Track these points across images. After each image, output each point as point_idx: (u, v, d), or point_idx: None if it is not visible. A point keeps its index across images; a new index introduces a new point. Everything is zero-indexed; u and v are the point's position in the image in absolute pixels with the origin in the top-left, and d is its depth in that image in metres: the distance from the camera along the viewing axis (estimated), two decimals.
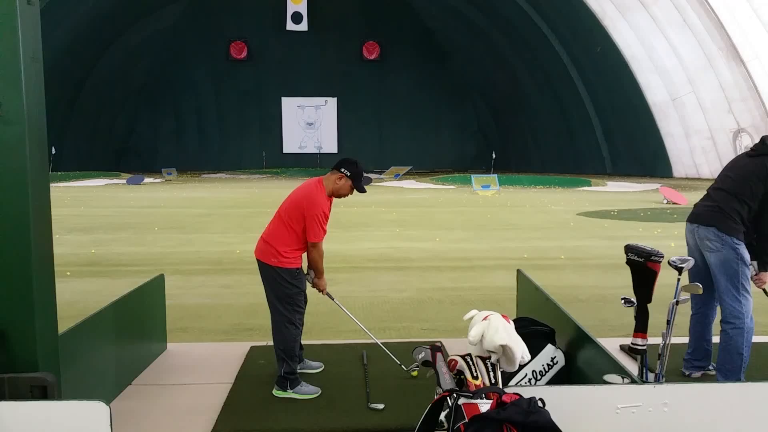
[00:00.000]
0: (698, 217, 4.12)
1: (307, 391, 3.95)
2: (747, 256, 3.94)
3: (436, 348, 2.77)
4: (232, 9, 42.24)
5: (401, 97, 45.79)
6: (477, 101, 46.65)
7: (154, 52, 42.59)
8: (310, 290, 4.31)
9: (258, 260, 4.14)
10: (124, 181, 31.29)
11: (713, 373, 4.20)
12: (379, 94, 45.98)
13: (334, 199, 4.26)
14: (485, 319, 2.75)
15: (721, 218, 3.96)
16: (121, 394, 3.98)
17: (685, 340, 4.48)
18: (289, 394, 3.94)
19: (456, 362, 2.65)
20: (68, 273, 8.04)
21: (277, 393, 3.96)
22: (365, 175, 4.24)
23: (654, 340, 3.84)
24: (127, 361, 4.18)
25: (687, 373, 4.30)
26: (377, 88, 45.72)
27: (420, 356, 2.76)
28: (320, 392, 3.96)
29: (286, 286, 4.02)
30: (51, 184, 2.91)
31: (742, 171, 4.02)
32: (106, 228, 12.92)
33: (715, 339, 4.24)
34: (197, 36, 42.72)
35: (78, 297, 6.74)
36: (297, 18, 42.17)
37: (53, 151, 33.18)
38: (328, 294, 4.35)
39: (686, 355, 4.34)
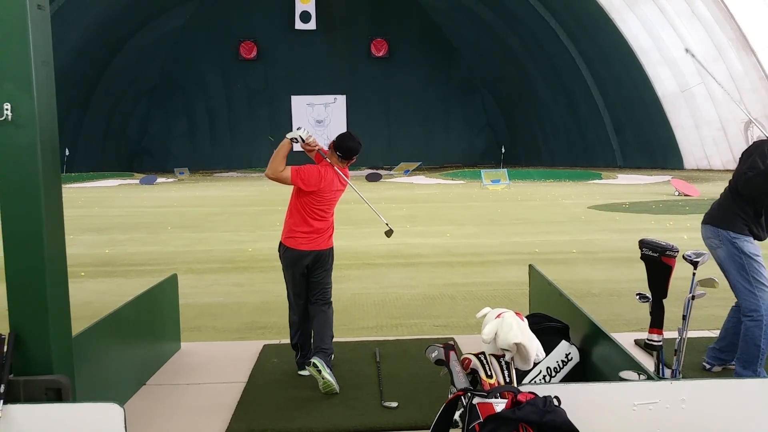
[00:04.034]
0: (703, 217, 4.12)
1: (330, 375, 3.90)
2: (750, 247, 3.88)
3: (450, 346, 2.76)
4: (242, 9, 42.30)
5: (410, 93, 45.69)
6: (485, 96, 46.48)
7: (164, 53, 42.76)
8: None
9: None
10: (138, 182, 31.45)
11: (734, 367, 4.16)
12: (388, 91, 45.91)
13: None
14: (498, 316, 2.73)
15: (717, 214, 3.97)
16: (136, 395, 4.00)
17: (702, 334, 4.44)
18: (315, 360, 3.90)
19: (470, 361, 2.63)
20: (83, 273, 8.10)
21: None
22: (374, 171, 4.27)
23: (670, 335, 3.81)
24: (141, 361, 4.20)
25: (708, 366, 4.22)
26: (386, 84, 45.65)
27: (433, 355, 2.75)
28: (338, 391, 3.92)
29: (281, 259, 4.22)
30: (65, 186, 2.94)
31: (743, 165, 4.00)
32: (120, 228, 13.00)
33: None
34: (207, 36, 42.84)
35: (93, 297, 6.78)
36: (305, 17, 42.19)
37: (67, 153, 33.43)
38: (320, 149, 4.29)
39: (715, 344, 4.23)
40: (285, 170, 4.01)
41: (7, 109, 2.57)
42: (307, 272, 4.18)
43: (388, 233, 4.53)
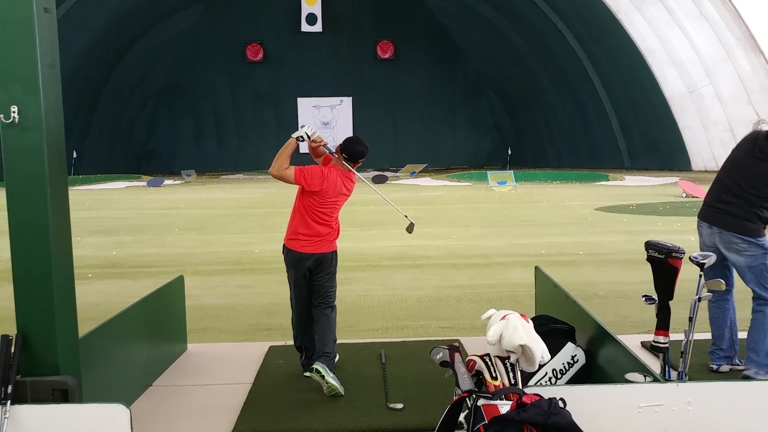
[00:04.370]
0: (718, 221, 4.10)
1: (333, 379, 3.90)
2: None
3: (455, 348, 2.75)
4: (248, 12, 42.43)
5: (416, 95, 45.71)
6: (492, 97, 46.45)
7: (171, 55, 42.95)
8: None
9: None
10: (145, 184, 31.56)
11: (741, 367, 4.15)
12: (394, 93, 45.94)
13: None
14: (503, 318, 2.73)
15: (742, 223, 3.98)
16: (142, 396, 4.01)
17: (708, 336, 4.41)
18: (318, 366, 3.89)
19: (474, 362, 2.63)
20: (90, 275, 8.13)
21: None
22: (380, 173, 4.29)
23: (676, 336, 3.79)
24: (147, 362, 4.22)
25: (715, 367, 4.21)
26: (392, 86, 45.68)
27: (438, 356, 2.75)
28: (342, 393, 3.92)
29: (284, 261, 4.23)
30: (73, 188, 2.95)
31: (754, 177, 4.01)
32: (127, 230, 13.05)
33: (742, 335, 4.20)
34: (214, 39, 42.99)
35: (100, 299, 6.81)
36: (311, 19, 42.26)
37: (74, 155, 33.60)
38: (325, 144, 4.28)
39: (714, 345, 4.24)
40: (289, 169, 4.05)
41: (14, 112, 2.59)
42: (310, 275, 4.18)
43: (410, 228, 4.51)
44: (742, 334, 4.23)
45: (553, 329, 3.78)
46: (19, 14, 2.57)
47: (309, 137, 4.14)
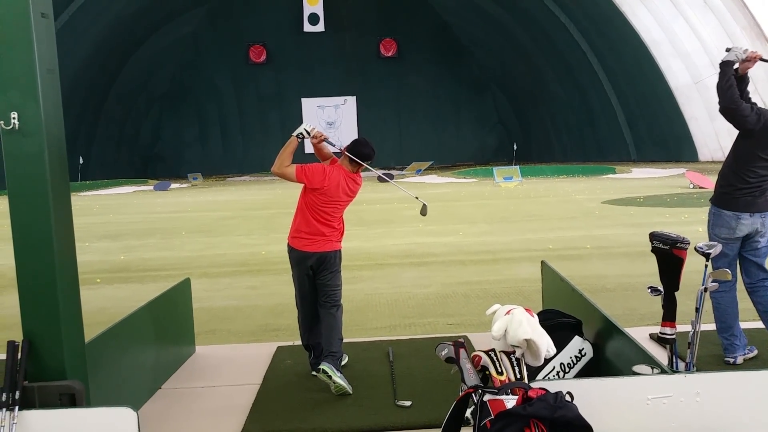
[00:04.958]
0: (759, 206, 4.13)
1: (341, 379, 3.90)
2: None
3: (460, 344, 2.74)
4: (250, 13, 42.47)
5: (420, 92, 45.63)
6: (496, 93, 46.31)
7: (175, 59, 43.07)
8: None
9: None
10: (152, 188, 31.69)
11: (752, 355, 4.14)
12: (398, 91, 45.87)
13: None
14: (508, 313, 2.72)
15: None
16: (151, 399, 4.02)
17: (715, 326, 4.38)
18: (324, 366, 3.89)
19: (480, 358, 2.62)
20: (98, 280, 8.16)
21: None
22: (385, 171, 4.30)
23: (683, 328, 3.77)
24: (156, 365, 4.23)
25: (732, 360, 4.14)
26: (396, 84, 45.62)
27: (443, 353, 2.74)
28: (350, 392, 3.92)
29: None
30: (80, 193, 2.95)
31: None
32: (134, 234, 13.10)
33: (747, 324, 4.18)
34: (217, 41, 43.07)
35: (108, 303, 6.84)
36: (314, 19, 42.25)
37: (81, 161, 33.77)
38: (326, 138, 4.24)
39: (726, 341, 4.16)
40: (290, 166, 4.09)
41: (14, 118, 2.59)
42: (313, 274, 4.18)
43: (423, 210, 4.46)
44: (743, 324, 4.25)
45: (561, 323, 3.76)
46: (16, 19, 2.57)
47: (309, 134, 4.15)
